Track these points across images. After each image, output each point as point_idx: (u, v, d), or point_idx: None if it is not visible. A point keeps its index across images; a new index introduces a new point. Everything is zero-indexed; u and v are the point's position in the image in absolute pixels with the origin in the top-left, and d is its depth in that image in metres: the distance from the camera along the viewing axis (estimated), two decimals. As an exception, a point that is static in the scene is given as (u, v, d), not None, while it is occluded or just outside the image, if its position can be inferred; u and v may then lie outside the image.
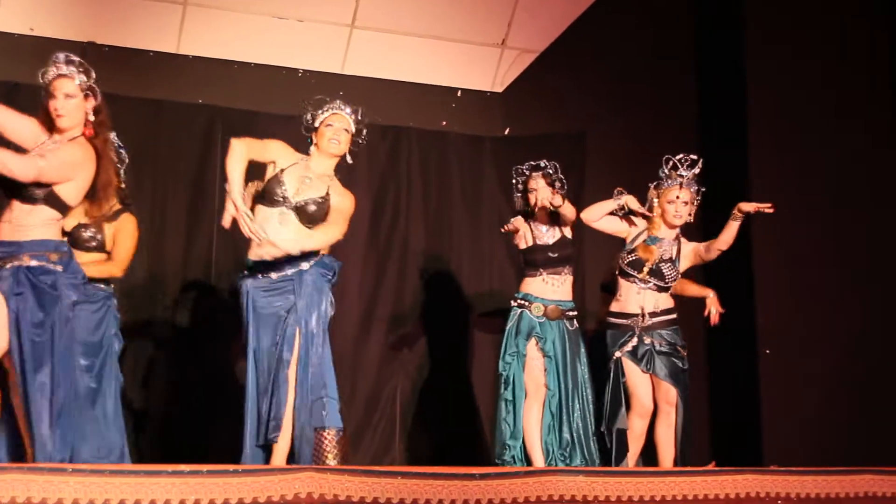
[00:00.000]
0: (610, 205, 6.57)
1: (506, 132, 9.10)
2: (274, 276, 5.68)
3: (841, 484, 5.78)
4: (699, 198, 6.63)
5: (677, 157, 6.59)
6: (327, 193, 5.76)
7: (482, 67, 9.05)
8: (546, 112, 8.68)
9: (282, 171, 5.76)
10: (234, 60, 8.34)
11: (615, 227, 6.69)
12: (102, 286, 6.02)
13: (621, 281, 6.66)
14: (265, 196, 5.74)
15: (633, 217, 6.66)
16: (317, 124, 5.92)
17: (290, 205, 5.69)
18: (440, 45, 8.78)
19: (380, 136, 8.27)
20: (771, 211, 6.51)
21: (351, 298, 8.21)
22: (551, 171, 6.92)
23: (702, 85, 8.53)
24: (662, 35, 8.63)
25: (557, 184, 6.87)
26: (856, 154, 8.00)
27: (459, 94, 9.10)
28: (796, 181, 7.89)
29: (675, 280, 6.61)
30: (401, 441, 8.33)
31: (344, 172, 5.97)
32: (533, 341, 6.77)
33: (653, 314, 6.56)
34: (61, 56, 5.13)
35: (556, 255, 6.88)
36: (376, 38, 8.42)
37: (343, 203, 5.81)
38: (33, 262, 4.87)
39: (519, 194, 6.98)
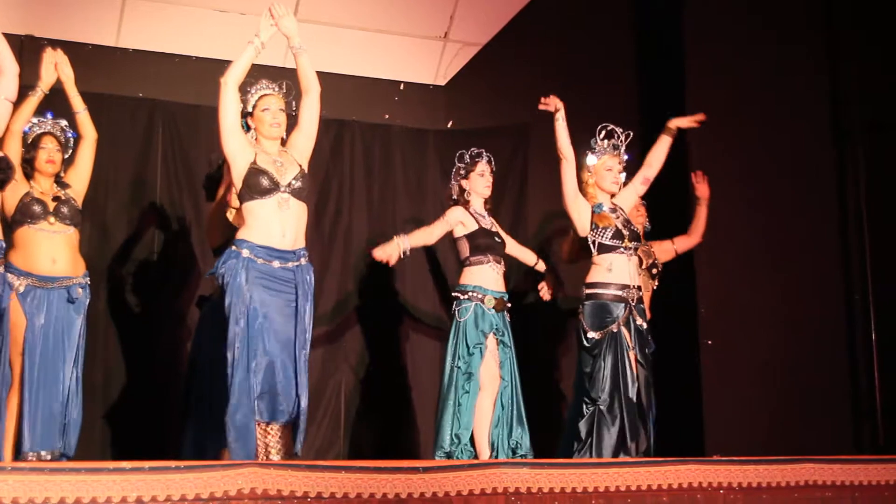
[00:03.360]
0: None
1: (449, 125, 9.10)
2: (277, 264, 5.66)
3: (783, 473, 5.84)
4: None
5: (608, 128, 6.67)
6: (300, 165, 5.79)
7: (425, 60, 9.05)
8: (489, 105, 8.70)
9: (254, 163, 5.70)
10: (174, 54, 8.27)
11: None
12: None
13: (605, 256, 6.55)
14: (254, 189, 5.67)
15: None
16: (250, 109, 5.87)
17: (284, 187, 5.68)
18: (383, 39, 8.76)
19: (323, 130, 8.20)
20: (701, 120, 6.69)
21: (295, 291, 8.17)
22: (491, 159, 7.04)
23: (642, 75, 8.58)
24: (602, 26, 8.67)
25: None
26: (792, 140, 8.11)
27: (402, 87, 9.09)
28: (734, 169, 7.98)
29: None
30: (345, 436, 8.31)
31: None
32: (491, 334, 6.81)
33: (637, 288, 6.56)
34: None
35: (500, 241, 6.94)
36: (319, 32, 8.37)
37: (307, 151, 5.91)
38: None
39: (456, 182, 7.03)
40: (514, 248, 7.20)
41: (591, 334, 6.48)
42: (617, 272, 6.53)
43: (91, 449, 7.23)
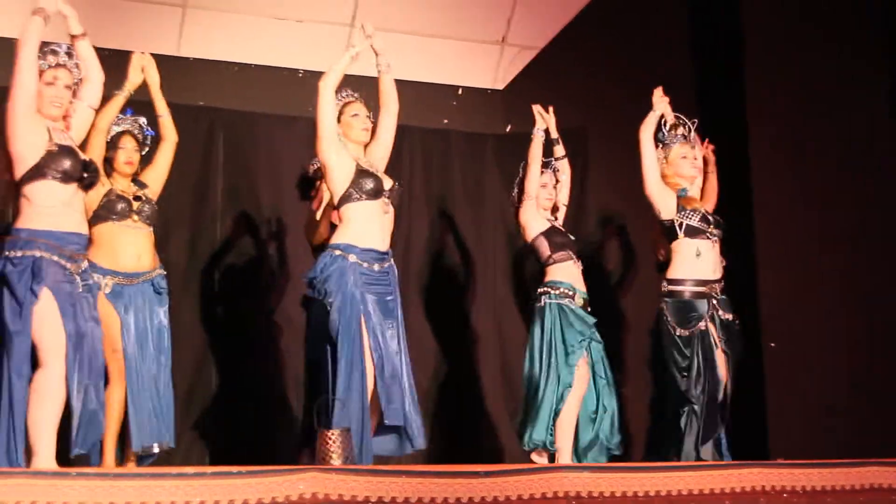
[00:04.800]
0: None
1: (507, 129, 9.09)
2: (377, 267, 5.76)
3: (847, 476, 5.77)
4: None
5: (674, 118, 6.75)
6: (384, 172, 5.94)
7: (483, 65, 9.04)
8: (547, 109, 8.67)
9: (359, 165, 5.84)
10: (234, 62, 8.33)
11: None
12: None
13: (691, 241, 6.51)
14: (362, 190, 5.78)
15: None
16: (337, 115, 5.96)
17: (386, 191, 5.81)
18: (440, 44, 8.77)
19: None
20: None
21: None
22: (557, 169, 7.07)
23: (700, 76, 8.53)
24: (660, 28, 8.64)
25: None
26: (855, 139, 8.03)
27: (460, 91, 9.09)
28: (799, 168, 7.91)
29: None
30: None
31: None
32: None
33: (719, 281, 6.51)
34: (63, 46, 5.36)
35: (573, 238, 6.99)
36: (376, 37, 8.40)
37: (383, 164, 6.05)
38: None
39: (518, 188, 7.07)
40: None
41: (679, 332, 6.46)
42: (703, 261, 6.47)
43: (189, 455, 7.40)
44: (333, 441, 5.53)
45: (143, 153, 6.48)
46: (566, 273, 6.93)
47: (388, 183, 5.85)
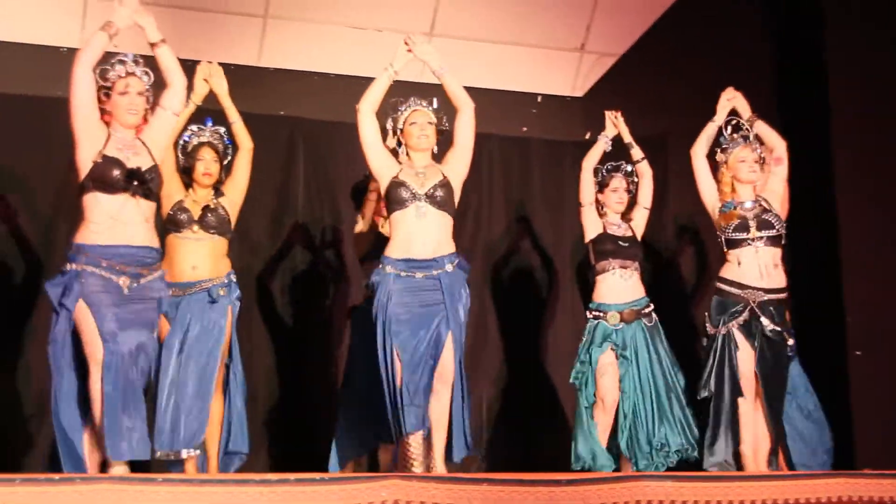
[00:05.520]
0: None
1: (587, 137, 9.04)
2: (419, 275, 5.77)
3: (935, 486, 5.68)
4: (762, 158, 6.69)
5: (733, 121, 6.74)
6: (444, 176, 5.91)
7: (562, 72, 9.02)
8: (627, 115, 8.61)
9: (395, 176, 5.86)
10: (314, 72, 8.39)
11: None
12: None
13: (732, 252, 6.55)
14: (394, 201, 5.85)
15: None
16: (401, 125, 6.00)
17: (421, 196, 5.82)
18: (519, 51, 8.77)
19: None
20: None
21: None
22: (629, 174, 7.04)
23: (782, 84, 8.44)
24: (740, 34, 8.56)
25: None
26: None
27: (539, 99, 9.08)
28: (884, 172, 7.80)
29: (781, 224, 6.53)
30: (487, 449, 8.29)
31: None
32: (609, 349, 6.82)
33: (768, 290, 6.45)
34: (130, 56, 5.42)
35: (626, 244, 6.93)
36: (455, 46, 8.41)
37: (461, 167, 6.01)
38: None
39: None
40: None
41: (709, 329, 6.53)
42: (745, 268, 6.47)
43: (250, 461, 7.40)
44: (414, 448, 5.55)
45: (226, 163, 6.53)
46: (605, 290, 7.00)
47: (425, 188, 5.83)
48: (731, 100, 6.84)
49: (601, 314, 6.92)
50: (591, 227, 7.08)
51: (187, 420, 5.95)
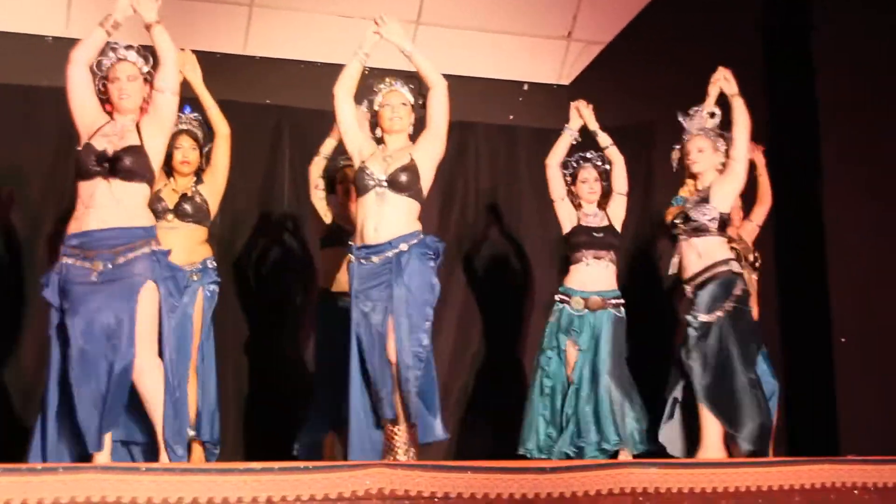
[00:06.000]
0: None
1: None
2: (376, 259, 5.69)
3: (919, 472, 5.70)
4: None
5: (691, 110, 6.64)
6: (412, 159, 5.78)
7: (548, 60, 9.02)
8: (614, 104, 8.63)
9: (363, 162, 5.81)
10: (300, 60, 8.38)
11: None
12: None
13: (677, 246, 6.45)
14: (358, 187, 5.80)
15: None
16: (376, 108, 5.95)
17: (382, 181, 5.71)
18: (505, 39, 8.76)
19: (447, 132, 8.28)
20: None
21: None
22: (599, 163, 7.02)
23: (770, 73, 8.44)
24: (728, 22, 8.55)
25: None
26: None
27: (526, 87, 9.08)
28: (871, 162, 7.81)
29: (709, 217, 6.26)
30: (457, 438, 8.26)
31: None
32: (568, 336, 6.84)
33: (698, 273, 6.31)
34: (121, 43, 5.39)
35: (600, 234, 6.92)
36: (441, 34, 8.41)
37: (433, 148, 5.89)
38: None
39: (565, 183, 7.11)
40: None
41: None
42: (685, 259, 6.37)
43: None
44: (399, 435, 5.55)
45: (206, 150, 6.50)
46: (574, 276, 7.03)
47: (388, 172, 5.72)
48: (716, 83, 6.69)
49: (567, 298, 6.92)
50: (566, 221, 7.08)
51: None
